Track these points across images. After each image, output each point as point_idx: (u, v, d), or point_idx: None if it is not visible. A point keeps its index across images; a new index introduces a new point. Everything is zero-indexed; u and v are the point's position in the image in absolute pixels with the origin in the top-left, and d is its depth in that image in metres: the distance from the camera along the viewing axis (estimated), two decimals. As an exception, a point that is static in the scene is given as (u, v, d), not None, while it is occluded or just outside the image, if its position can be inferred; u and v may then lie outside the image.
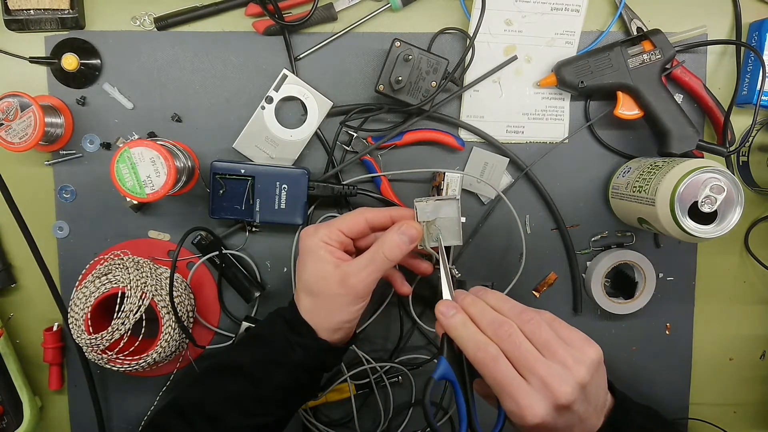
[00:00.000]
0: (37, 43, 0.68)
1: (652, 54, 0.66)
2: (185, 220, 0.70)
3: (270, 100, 0.68)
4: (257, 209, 0.67)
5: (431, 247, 0.58)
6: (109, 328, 0.62)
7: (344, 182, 0.70)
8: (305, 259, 0.57)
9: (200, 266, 0.70)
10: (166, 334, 0.64)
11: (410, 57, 0.64)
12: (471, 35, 0.67)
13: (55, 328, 0.71)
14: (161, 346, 0.64)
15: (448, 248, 0.62)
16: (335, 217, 0.71)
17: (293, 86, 0.68)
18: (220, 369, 0.58)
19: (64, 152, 0.69)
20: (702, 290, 0.75)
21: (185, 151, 0.67)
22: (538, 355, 0.48)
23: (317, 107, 0.69)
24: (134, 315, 0.62)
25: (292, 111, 0.70)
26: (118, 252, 0.69)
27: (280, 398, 0.57)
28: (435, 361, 0.72)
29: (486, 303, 0.52)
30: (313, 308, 0.56)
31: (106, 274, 0.64)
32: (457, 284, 0.69)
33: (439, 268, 0.55)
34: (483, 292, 0.54)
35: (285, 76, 0.68)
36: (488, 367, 0.48)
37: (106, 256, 0.68)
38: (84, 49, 0.67)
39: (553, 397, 0.46)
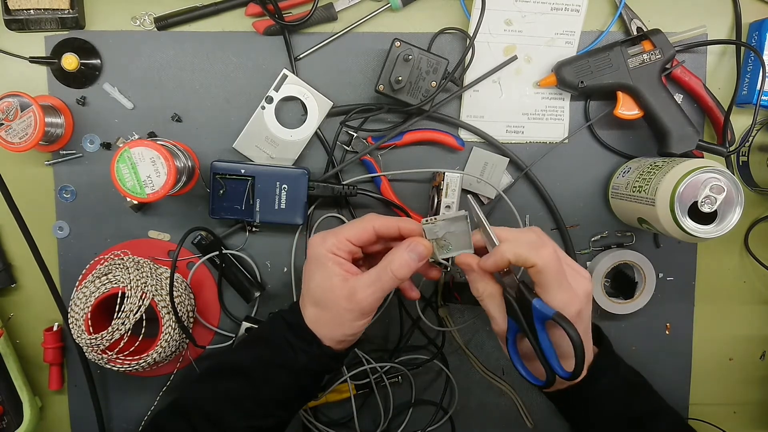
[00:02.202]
0: (37, 43, 0.68)
1: (652, 54, 0.66)
2: (185, 220, 0.70)
3: (270, 100, 0.68)
4: (257, 209, 0.67)
5: (443, 259, 0.57)
6: (109, 328, 0.62)
7: (344, 182, 0.70)
8: (313, 269, 0.56)
9: (200, 266, 0.70)
10: (166, 334, 0.64)
11: (410, 57, 0.64)
12: (471, 35, 0.67)
13: (55, 328, 0.71)
14: (161, 346, 0.64)
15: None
16: (336, 217, 0.71)
17: (293, 86, 0.68)
18: (222, 370, 0.58)
19: (64, 152, 0.69)
20: (702, 290, 0.75)
21: (185, 151, 0.67)
22: (561, 251, 0.55)
23: (317, 107, 0.69)
24: (134, 315, 0.62)
25: (292, 111, 0.70)
26: (118, 252, 0.69)
27: (282, 400, 0.57)
28: (436, 361, 0.73)
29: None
30: (319, 319, 0.56)
31: (106, 274, 0.64)
32: (458, 287, 0.69)
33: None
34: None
35: (285, 76, 0.68)
36: (552, 259, 0.51)
37: (106, 256, 0.68)
38: (84, 49, 0.67)
39: (583, 284, 0.54)
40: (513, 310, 0.53)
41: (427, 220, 0.54)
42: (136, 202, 0.65)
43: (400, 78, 0.64)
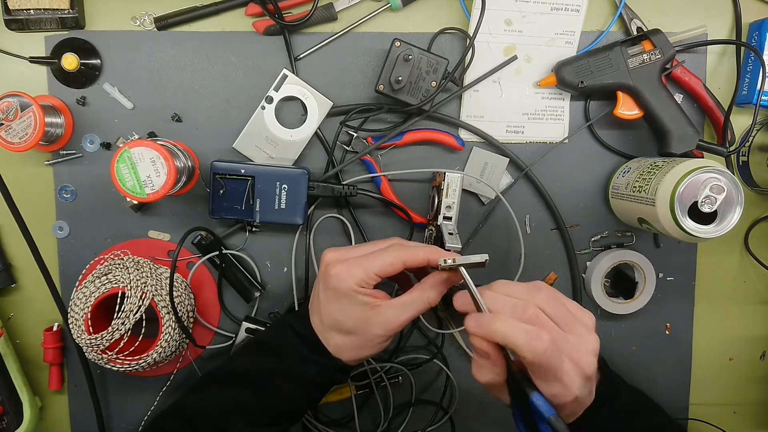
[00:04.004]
0: (37, 43, 0.67)
1: (652, 54, 0.66)
2: (185, 220, 0.70)
3: (270, 100, 0.68)
4: (257, 209, 0.67)
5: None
6: (109, 328, 0.62)
7: (344, 182, 0.70)
8: (338, 301, 0.55)
9: (200, 266, 0.70)
10: (166, 334, 0.64)
11: (410, 57, 0.64)
12: (471, 35, 0.67)
13: (55, 328, 0.71)
14: (161, 346, 0.64)
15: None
16: (335, 217, 0.71)
17: (293, 86, 0.68)
18: (227, 377, 0.58)
19: (64, 152, 0.69)
20: (702, 290, 0.75)
21: (185, 151, 0.67)
22: (562, 333, 0.48)
23: (317, 107, 0.69)
24: (134, 315, 0.62)
25: (292, 111, 0.70)
26: (118, 252, 0.69)
27: (288, 410, 0.57)
28: (436, 361, 0.73)
29: (495, 293, 0.50)
30: (345, 345, 0.56)
31: (106, 274, 0.64)
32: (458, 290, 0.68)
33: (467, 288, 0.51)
34: (485, 286, 0.52)
35: (285, 76, 0.68)
36: (546, 355, 0.45)
37: (106, 256, 0.68)
38: (84, 49, 0.67)
39: (582, 371, 0.48)
40: (513, 394, 0.50)
41: (446, 262, 0.52)
42: (136, 202, 0.65)
43: (400, 78, 0.64)
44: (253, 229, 0.71)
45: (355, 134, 0.70)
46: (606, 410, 0.53)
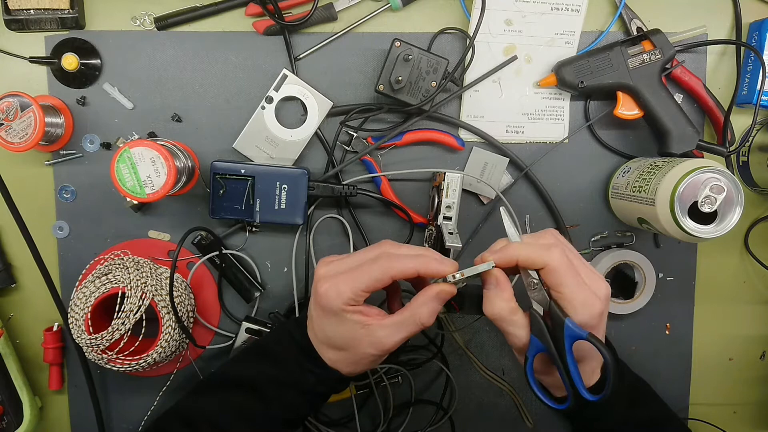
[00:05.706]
0: (37, 43, 0.67)
1: (652, 54, 0.66)
2: (185, 220, 0.70)
3: (270, 100, 0.68)
4: (257, 209, 0.67)
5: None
6: (109, 328, 0.62)
7: (344, 182, 0.70)
8: (328, 319, 0.54)
9: (200, 266, 0.70)
10: (166, 334, 0.64)
11: (410, 57, 0.64)
12: (471, 35, 0.67)
13: (55, 328, 0.71)
14: (161, 346, 0.64)
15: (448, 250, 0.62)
16: (335, 218, 0.71)
17: (293, 86, 0.68)
18: (230, 383, 0.58)
19: (64, 152, 0.69)
20: (702, 290, 0.75)
21: (185, 151, 0.67)
22: (576, 260, 0.52)
23: (317, 107, 0.69)
24: (134, 315, 0.62)
25: (292, 111, 0.70)
26: (118, 252, 0.69)
27: (290, 417, 0.57)
28: (436, 361, 0.73)
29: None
30: (340, 360, 0.55)
31: (106, 274, 0.64)
32: (456, 297, 0.68)
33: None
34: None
35: (285, 76, 0.68)
36: (567, 262, 0.50)
37: (106, 256, 0.68)
38: (84, 49, 0.67)
39: (596, 294, 0.51)
40: (539, 329, 0.50)
41: (454, 278, 0.52)
42: (136, 202, 0.65)
43: (400, 78, 0.64)
44: (253, 229, 0.71)
45: (355, 134, 0.70)
46: (612, 390, 0.55)
